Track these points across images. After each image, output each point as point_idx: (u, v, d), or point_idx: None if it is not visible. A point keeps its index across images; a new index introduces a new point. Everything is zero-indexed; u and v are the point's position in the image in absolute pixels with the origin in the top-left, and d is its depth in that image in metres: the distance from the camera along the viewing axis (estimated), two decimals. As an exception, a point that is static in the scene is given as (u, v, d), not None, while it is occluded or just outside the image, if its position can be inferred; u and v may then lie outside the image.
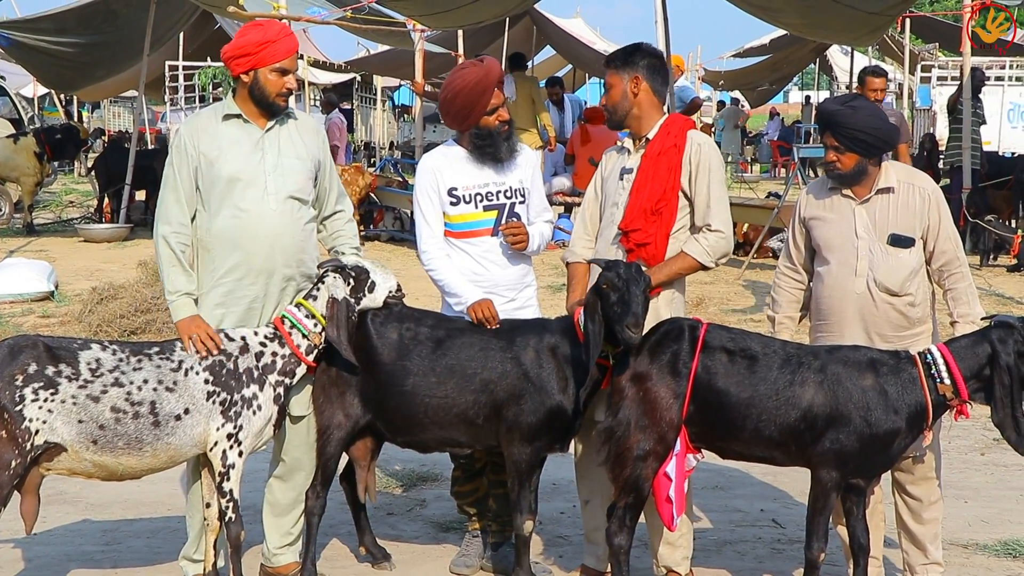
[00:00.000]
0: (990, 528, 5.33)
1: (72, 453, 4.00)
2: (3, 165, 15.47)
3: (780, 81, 31.30)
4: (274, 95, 4.35)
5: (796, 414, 4.06)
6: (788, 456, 4.21)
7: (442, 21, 14.99)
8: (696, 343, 4.14)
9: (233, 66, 4.35)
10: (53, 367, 3.96)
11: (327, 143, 4.68)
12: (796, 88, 44.25)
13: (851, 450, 4.04)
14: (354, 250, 4.66)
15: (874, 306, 4.35)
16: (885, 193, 4.39)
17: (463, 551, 4.92)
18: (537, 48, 22.71)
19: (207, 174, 4.35)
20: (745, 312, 10.12)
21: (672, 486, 4.13)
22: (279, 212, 4.38)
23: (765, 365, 4.13)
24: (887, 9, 12.70)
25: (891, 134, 4.44)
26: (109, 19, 15.11)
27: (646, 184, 4.46)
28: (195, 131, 4.40)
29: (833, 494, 4.13)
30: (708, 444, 4.28)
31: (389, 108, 33.51)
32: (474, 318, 4.50)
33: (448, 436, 4.48)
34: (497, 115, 4.67)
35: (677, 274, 4.48)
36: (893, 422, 4.04)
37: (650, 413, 4.13)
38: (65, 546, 5.12)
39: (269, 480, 4.65)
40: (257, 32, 4.34)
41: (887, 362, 4.11)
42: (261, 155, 4.38)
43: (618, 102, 4.55)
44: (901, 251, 4.35)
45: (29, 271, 10.68)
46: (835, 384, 4.06)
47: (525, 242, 4.70)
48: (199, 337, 4.21)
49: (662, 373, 4.14)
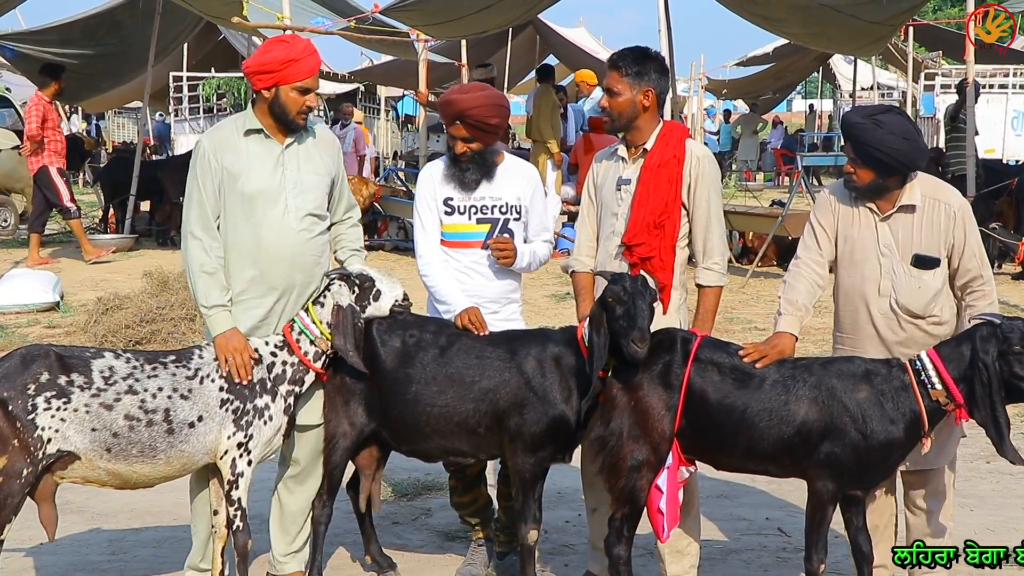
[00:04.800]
0: (996, 536, 5.31)
1: (86, 461, 4.02)
2: (8, 176, 15.51)
3: (783, 90, 31.30)
4: (294, 113, 4.34)
5: (790, 429, 4.02)
6: (782, 469, 4.20)
7: (445, 31, 15.03)
8: (688, 356, 4.11)
9: (255, 81, 4.34)
10: (65, 376, 3.97)
11: (342, 156, 4.69)
12: (800, 97, 44.21)
13: (846, 462, 4.00)
14: (355, 252, 4.68)
15: (899, 327, 4.28)
16: (908, 211, 4.26)
17: (468, 560, 4.93)
18: (540, 57, 22.72)
19: (229, 189, 4.34)
20: (749, 321, 10.12)
21: (663, 498, 4.12)
22: (298, 231, 4.38)
23: (759, 380, 4.09)
24: (890, 19, 12.70)
25: (913, 156, 4.20)
26: (114, 30, 15.16)
27: (648, 198, 4.46)
28: (218, 145, 4.37)
29: (830, 506, 4.10)
30: (700, 456, 4.26)
31: (393, 118, 33.55)
32: (459, 324, 4.52)
33: (451, 445, 4.48)
34: (455, 144, 4.71)
35: (715, 310, 4.56)
36: (888, 432, 3.99)
37: (642, 423, 4.12)
38: (72, 555, 5.13)
39: (278, 487, 4.66)
40: (281, 49, 4.32)
41: (880, 372, 4.06)
42: (282, 171, 4.38)
43: (625, 110, 4.51)
44: (925, 273, 4.24)
45: (34, 282, 10.71)
46: (828, 397, 4.01)
47: (512, 258, 4.73)
48: (236, 362, 4.19)
49: (653, 384, 4.12)
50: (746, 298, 11.33)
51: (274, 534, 4.67)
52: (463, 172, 4.74)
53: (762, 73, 28.35)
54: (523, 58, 22.33)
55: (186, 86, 22.16)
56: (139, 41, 15.11)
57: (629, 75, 4.49)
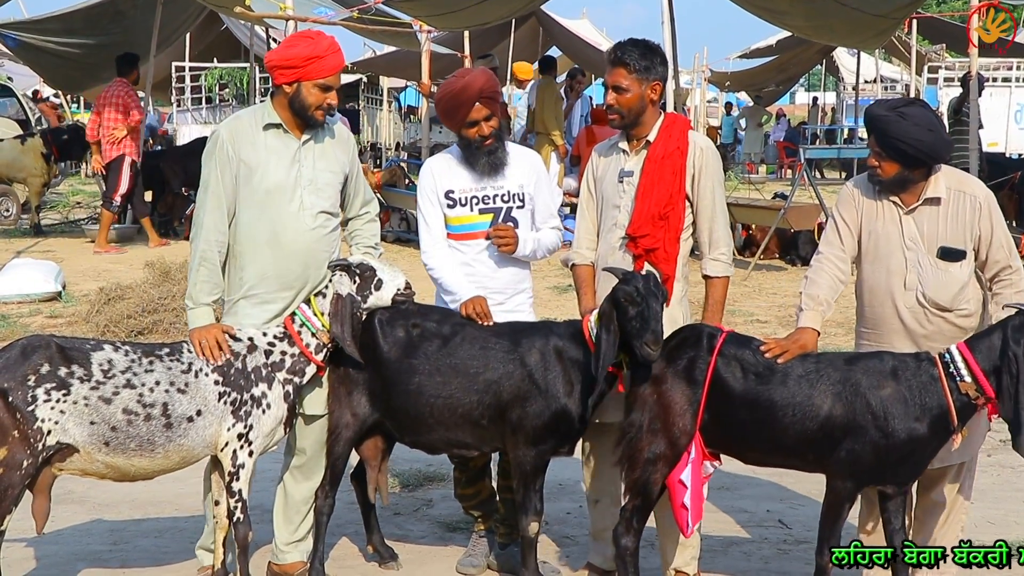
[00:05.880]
0: (997, 530, 5.32)
1: (84, 454, 4.02)
2: (10, 166, 15.47)
3: (786, 82, 31.24)
4: (314, 108, 4.32)
5: (814, 425, 3.99)
6: (806, 464, 4.17)
7: (448, 22, 14.99)
8: (713, 351, 4.09)
9: (277, 75, 4.31)
10: (66, 368, 3.97)
11: (356, 151, 4.67)
12: (803, 89, 44.12)
13: (866, 460, 3.96)
14: (369, 248, 4.67)
15: (926, 320, 4.23)
16: (933, 204, 4.23)
17: (470, 551, 4.93)
18: (543, 49, 22.68)
19: (245, 182, 4.33)
20: (751, 314, 10.12)
21: (688, 492, 4.11)
22: (312, 228, 4.38)
23: (783, 375, 4.05)
24: (893, 12, 12.66)
25: (939, 148, 4.18)
26: (116, 20, 15.12)
27: (652, 189, 4.45)
28: (236, 136, 4.35)
29: (846, 504, 4.07)
30: (726, 450, 4.25)
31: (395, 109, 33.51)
32: (464, 313, 4.51)
33: (454, 437, 4.48)
34: (477, 129, 4.64)
35: (723, 300, 4.54)
36: (913, 429, 3.93)
37: (663, 417, 4.12)
38: (73, 545, 5.14)
39: (284, 477, 4.66)
40: (306, 45, 4.29)
41: (908, 367, 4.00)
42: (298, 168, 4.37)
43: (634, 106, 4.46)
44: (952, 265, 4.21)
45: (36, 272, 10.69)
46: (852, 394, 3.97)
47: (512, 246, 4.69)
48: (208, 343, 4.21)
49: (677, 378, 4.11)
50: (748, 291, 11.32)
51: (277, 523, 4.67)
52: (491, 155, 4.67)
53: (765, 65, 28.31)
54: (525, 49, 22.27)
55: (188, 76, 22.10)
56: (141, 31, 15.06)
57: (638, 70, 4.44)
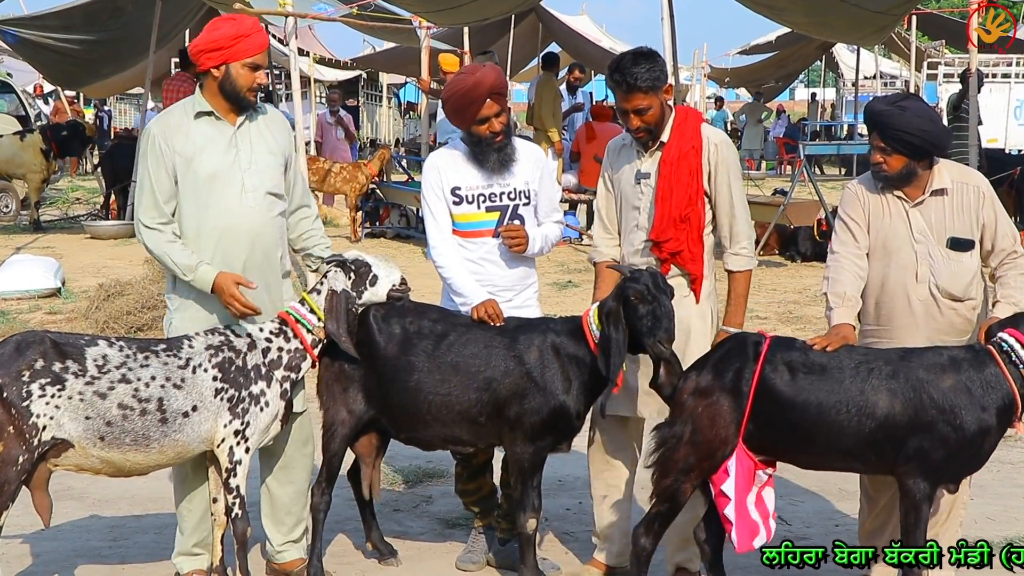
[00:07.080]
0: (996, 525, 5.32)
1: (79, 449, 4.01)
2: (10, 162, 15.48)
3: (786, 78, 31.29)
4: (245, 89, 4.30)
5: (872, 424, 3.92)
6: (867, 467, 4.13)
7: (448, 18, 14.99)
8: (759, 359, 4.02)
9: (203, 60, 4.28)
10: (60, 363, 3.96)
11: (292, 136, 4.66)
12: (802, 85, 44.10)
13: (938, 457, 3.88)
14: (327, 250, 4.65)
15: (939, 312, 4.24)
16: (939, 195, 4.26)
17: (469, 547, 4.93)
18: (543, 45, 22.69)
19: (184, 173, 4.30)
20: (751, 310, 10.10)
21: (731, 504, 4.03)
22: (257, 210, 4.36)
23: (835, 375, 3.98)
24: (893, 8, 12.67)
25: (941, 137, 4.24)
26: (115, 16, 15.13)
27: (671, 193, 4.43)
28: (167, 130, 4.33)
29: (925, 505, 3.97)
30: (780, 456, 4.16)
31: (395, 105, 33.52)
32: (476, 317, 4.49)
33: (451, 434, 4.48)
34: (488, 125, 4.60)
35: (747, 294, 4.54)
36: (982, 420, 3.88)
37: (705, 430, 4.04)
38: (73, 542, 5.14)
39: (267, 480, 4.63)
40: (230, 26, 4.31)
41: (965, 358, 3.95)
42: (236, 152, 4.35)
43: (658, 116, 4.44)
44: (962, 255, 4.23)
45: (36, 268, 10.69)
46: (914, 389, 3.90)
47: (524, 245, 4.67)
48: (239, 302, 4.19)
49: (723, 391, 4.03)
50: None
51: (267, 526, 4.65)
52: (501, 151, 4.65)
53: (765, 61, 28.34)
54: (525, 46, 22.29)
55: (187, 72, 22.10)
56: (140, 27, 15.07)
57: (651, 87, 4.39)
